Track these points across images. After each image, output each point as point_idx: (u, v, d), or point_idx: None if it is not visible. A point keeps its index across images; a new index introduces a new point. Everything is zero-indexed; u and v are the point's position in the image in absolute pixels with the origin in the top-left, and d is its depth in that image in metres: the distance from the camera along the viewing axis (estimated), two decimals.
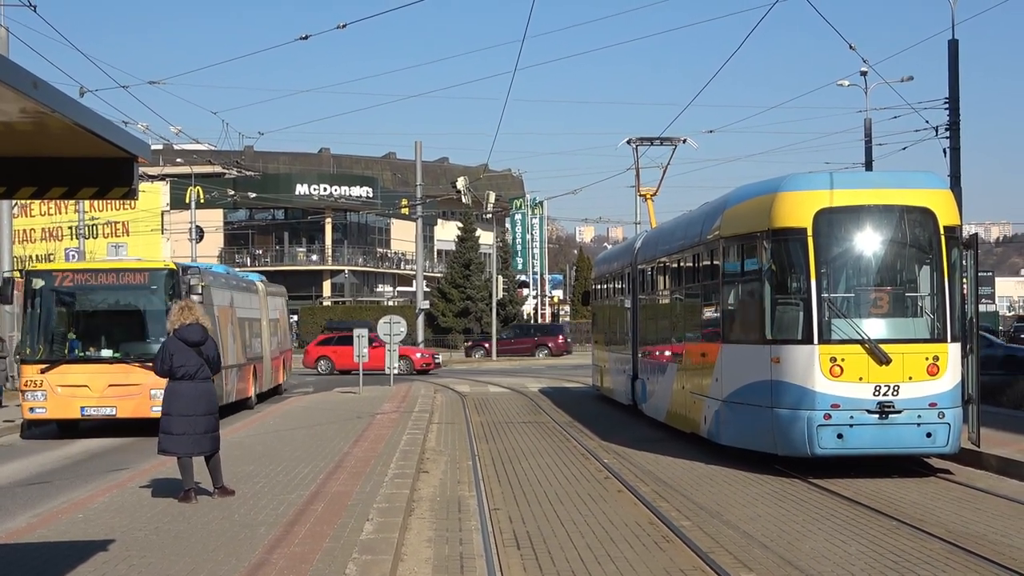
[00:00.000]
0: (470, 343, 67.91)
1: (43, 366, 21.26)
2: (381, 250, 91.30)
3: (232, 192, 71.68)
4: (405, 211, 77.89)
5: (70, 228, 74.49)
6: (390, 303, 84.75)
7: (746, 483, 14.65)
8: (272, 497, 12.66)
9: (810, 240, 15.03)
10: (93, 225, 72.14)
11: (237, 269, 42.03)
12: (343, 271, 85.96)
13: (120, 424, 22.09)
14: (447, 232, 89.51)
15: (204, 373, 12.60)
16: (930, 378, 14.73)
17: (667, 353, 21.18)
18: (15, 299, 24.93)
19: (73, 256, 60.31)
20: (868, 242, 15.26)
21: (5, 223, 37.12)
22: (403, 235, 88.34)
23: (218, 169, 63.25)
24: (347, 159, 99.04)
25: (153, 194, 74.76)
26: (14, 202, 43.69)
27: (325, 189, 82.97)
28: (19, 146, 6.19)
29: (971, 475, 15.06)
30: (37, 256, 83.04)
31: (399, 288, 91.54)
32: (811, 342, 14.85)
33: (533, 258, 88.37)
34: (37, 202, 76.49)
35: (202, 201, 70.70)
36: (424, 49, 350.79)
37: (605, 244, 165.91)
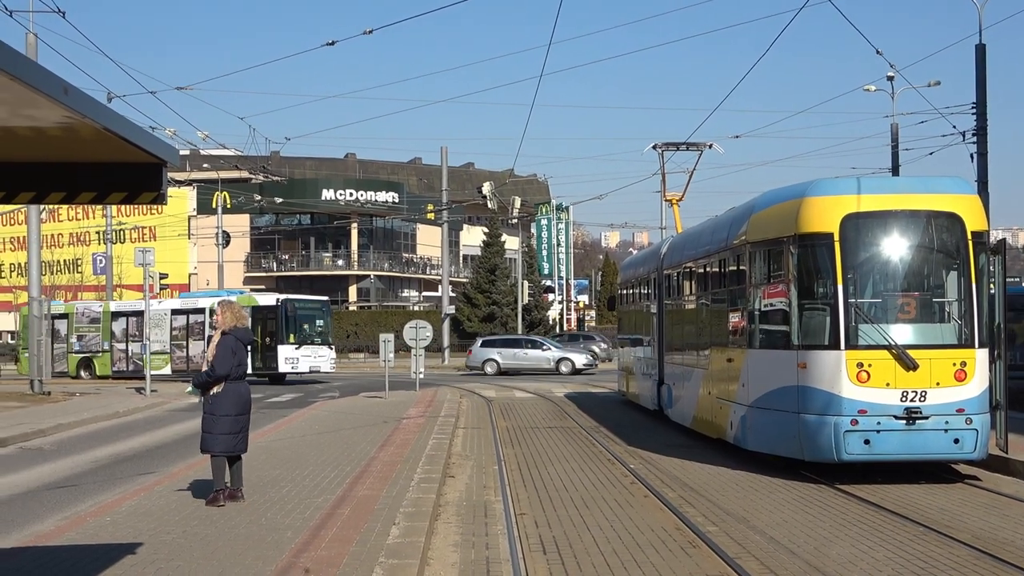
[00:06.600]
0: None
1: None
2: (407, 255, 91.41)
3: (258, 197, 72.13)
4: (431, 216, 78.01)
5: (98, 233, 74.94)
6: (416, 308, 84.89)
7: (772, 489, 14.61)
8: (299, 501, 12.70)
9: (837, 245, 14.98)
10: (120, 230, 72.57)
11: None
12: (369, 276, 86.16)
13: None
14: (473, 237, 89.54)
15: (242, 372, 12.71)
16: (958, 384, 14.66)
17: (693, 358, 21.14)
18: None
19: (101, 261, 60.46)
20: (895, 247, 15.20)
21: (34, 227, 37.50)
22: (429, 240, 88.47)
23: (245, 174, 63.45)
24: (373, 164, 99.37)
25: (180, 199, 75.22)
26: (42, 207, 43.99)
27: (351, 194, 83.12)
28: (49, 151, 6.22)
29: (999, 481, 14.98)
30: (64, 261, 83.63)
31: (425, 293, 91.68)
32: (838, 347, 14.80)
33: (559, 263, 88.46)
34: (65, 207, 77.18)
35: (228, 206, 71.06)
36: (450, 54, 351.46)
37: (631, 249, 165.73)
